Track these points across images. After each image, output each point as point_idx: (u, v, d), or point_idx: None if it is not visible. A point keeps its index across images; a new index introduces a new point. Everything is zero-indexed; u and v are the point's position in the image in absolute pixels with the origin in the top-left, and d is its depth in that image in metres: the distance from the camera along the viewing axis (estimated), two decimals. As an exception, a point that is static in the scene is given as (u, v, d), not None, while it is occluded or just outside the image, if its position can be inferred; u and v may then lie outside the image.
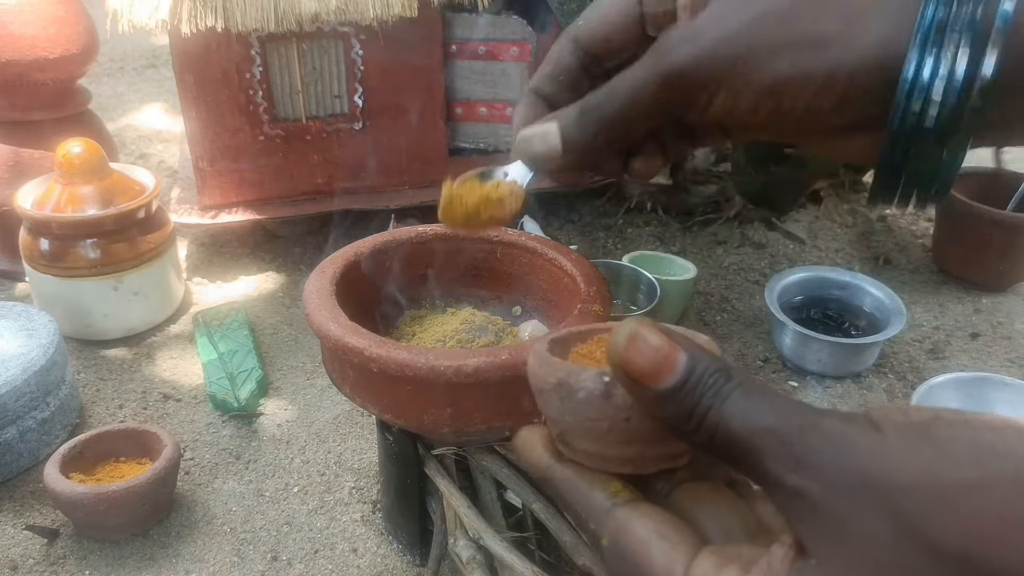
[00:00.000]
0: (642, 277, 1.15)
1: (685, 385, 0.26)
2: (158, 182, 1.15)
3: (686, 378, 0.26)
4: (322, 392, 1.06)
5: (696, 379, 0.26)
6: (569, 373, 0.30)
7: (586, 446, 0.30)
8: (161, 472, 0.81)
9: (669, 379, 0.26)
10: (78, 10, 1.21)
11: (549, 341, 0.34)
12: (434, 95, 1.30)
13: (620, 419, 0.29)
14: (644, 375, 0.26)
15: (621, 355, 0.26)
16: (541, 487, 0.69)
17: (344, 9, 1.13)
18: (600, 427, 0.29)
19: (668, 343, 0.26)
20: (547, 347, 0.33)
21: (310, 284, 0.71)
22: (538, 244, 0.80)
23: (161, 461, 0.82)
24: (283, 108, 1.25)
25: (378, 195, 1.33)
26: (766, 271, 1.35)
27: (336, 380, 0.72)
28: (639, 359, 0.26)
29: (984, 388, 0.98)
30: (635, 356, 0.26)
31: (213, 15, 1.09)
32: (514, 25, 1.30)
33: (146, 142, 1.84)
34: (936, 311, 1.27)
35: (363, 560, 0.81)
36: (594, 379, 0.29)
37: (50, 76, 1.18)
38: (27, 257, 1.10)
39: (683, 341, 0.26)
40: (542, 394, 0.31)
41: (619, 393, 0.28)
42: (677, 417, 0.26)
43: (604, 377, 0.29)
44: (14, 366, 0.88)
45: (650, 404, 0.27)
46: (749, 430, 0.25)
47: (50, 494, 0.80)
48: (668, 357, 0.26)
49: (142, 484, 0.80)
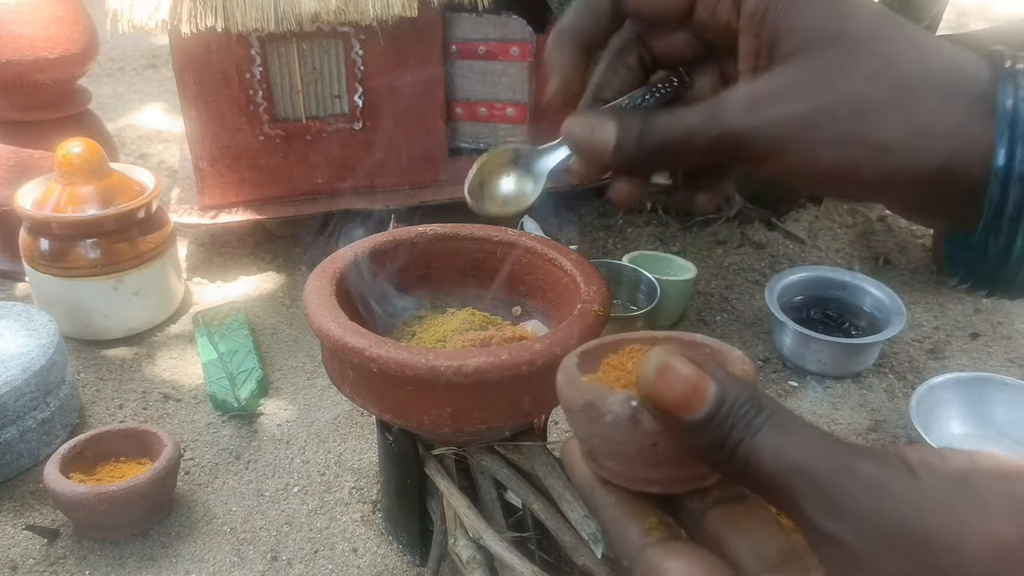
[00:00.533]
0: (642, 277, 1.15)
1: (715, 416, 0.26)
2: (158, 182, 1.15)
3: (716, 409, 0.26)
4: (322, 392, 1.06)
5: (727, 410, 0.25)
6: (597, 396, 0.30)
7: (613, 465, 0.30)
8: (161, 472, 0.81)
9: (699, 410, 0.26)
10: (78, 10, 1.21)
11: (579, 354, 0.34)
12: (434, 95, 1.30)
13: (648, 444, 0.28)
14: (674, 406, 0.26)
15: (651, 386, 0.26)
16: None
17: (344, 9, 1.13)
18: (628, 450, 0.29)
19: (698, 373, 0.26)
20: (576, 361, 0.33)
21: (310, 284, 0.71)
22: (538, 244, 0.80)
23: (161, 461, 0.82)
24: (283, 108, 1.25)
25: (378, 195, 1.33)
26: (766, 271, 1.35)
27: (336, 380, 0.72)
28: (668, 390, 0.26)
29: (984, 388, 0.98)
30: (664, 387, 0.26)
31: (213, 15, 1.09)
32: (514, 25, 1.30)
33: (146, 142, 1.84)
34: (936, 311, 1.27)
35: (363, 560, 0.81)
36: (622, 404, 0.29)
37: (50, 76, 1.18)
38: (27, 257, 1.10)
39: (714, 370, 0.26)
40: (571, 413, 0.31)
41: (647, 419, 0.28)
42: (708, 448, 0.26)
43: (632, 402, 0.28)
44: (14, 366, 0.88)
45: (680, 434, 0.27)
46: (781, 467, 0.24)
47: (50, 494, 0.80)
48: (698, 388, 0.26)
49: (142, 484, 0.80)
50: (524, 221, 1.32)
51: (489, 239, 0.82)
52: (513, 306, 0.83)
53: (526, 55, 1.33)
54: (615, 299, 1.13)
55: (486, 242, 0.82)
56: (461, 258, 0.83)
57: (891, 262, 1.41)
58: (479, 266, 0.83)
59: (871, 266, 1.39)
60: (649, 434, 0.28)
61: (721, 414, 0.26)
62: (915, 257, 1.42)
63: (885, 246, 1.45)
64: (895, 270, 1.39)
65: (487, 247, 0.82)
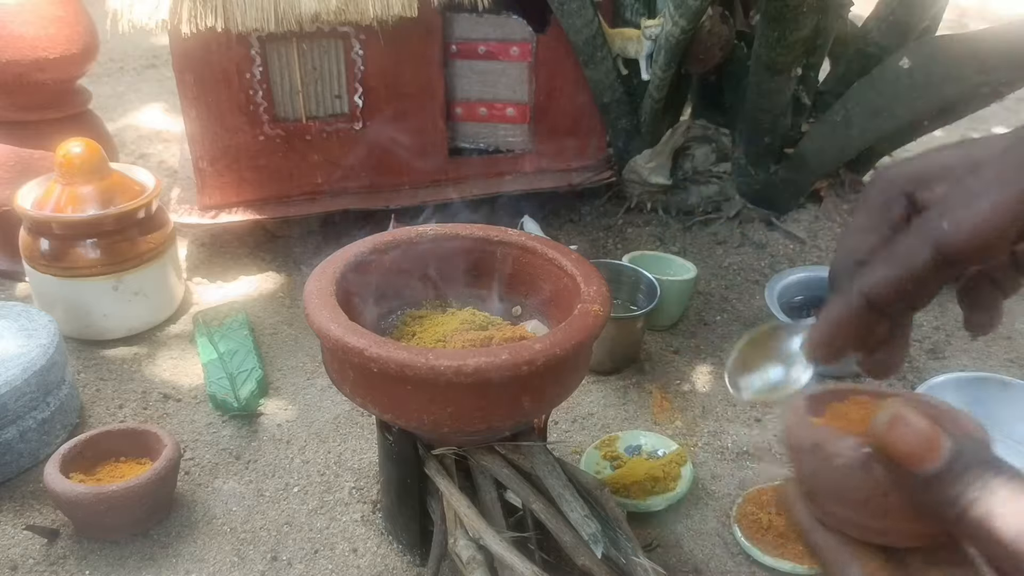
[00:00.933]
0: (642, 277, 1.15)
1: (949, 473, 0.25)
2: (158, 182, 1.15)
3: (950, 466, 0.25)
4: (322, 392, 1.06)
5: (961, 468, 0.25)
6: (828, 438, 0.29)
7: (838, 510, 0.30)
8: (161, 472, 0.81)
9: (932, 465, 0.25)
10: (78, 10, 1.21)
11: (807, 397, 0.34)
12: (434, 95, 1.30)
13: (878, 493, 0.28)
14: (906, 458, 0.26)
15: (883, 436, 0.26)
16: None
17: (344, 9, 1.13)
18: (856, 496, 0.29)
19: (932, 428, 0.25)
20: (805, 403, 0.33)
21: (310, 284, 0.71)
22: (538, 244, 0.80)
23: (161, 461, 0.82)
24: (283, 108, 1.25)
25: (378, 195, 1.33)
26: (766, 271, 1.35)
27: (336, 380, 0.71)
28: (901, 442, 0.26)
29: (984, 388, 0.98)
30: (897, 439, 0.26)
31: (213, 15, 1.09)
32: (514, 25, 1.30)
33: (146, 142, 1.84)
34: (936, 311, 1.27)
35: (363, 560, 0.81)
36: (852, 448, 0.29)
37: (50, 76, 1.18)
38: (27, 257, 1.10)
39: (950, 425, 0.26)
40: (798, 452, 0.31)
41: (878, 467, 0.28)
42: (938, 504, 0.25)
43: (863, 448, 0.28)
44: (14, 366, 0.88)
45: (910, 487, 0.26)
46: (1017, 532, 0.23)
47: (50, 494, 0.80)
48: (932, 442, 0.25)
49: (142, 484, 0.80)
50: (524, 221, 1.32)
51: (489, 239, 0.82)
52: (513, 306, 0.83)
53: (526, 55, 1.33)
54: (615, 299, 1.13)
55: (486, 242, 0.82)
56: (461, 258, 0.83)
57: (891, 262, 1.41)
58: (479, 266, 0.83)
59: (871, 266, 1.39)
60: (880, 483, 0.28)
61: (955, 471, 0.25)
62: (915, 257, 1.42)
63: (885, 246, 1.45)
64: (895, 270, 1.39)
65: (487, 247, 0.82)
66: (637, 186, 1.46)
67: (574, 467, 0.77)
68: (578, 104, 1.38)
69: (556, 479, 0.71)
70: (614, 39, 1.33)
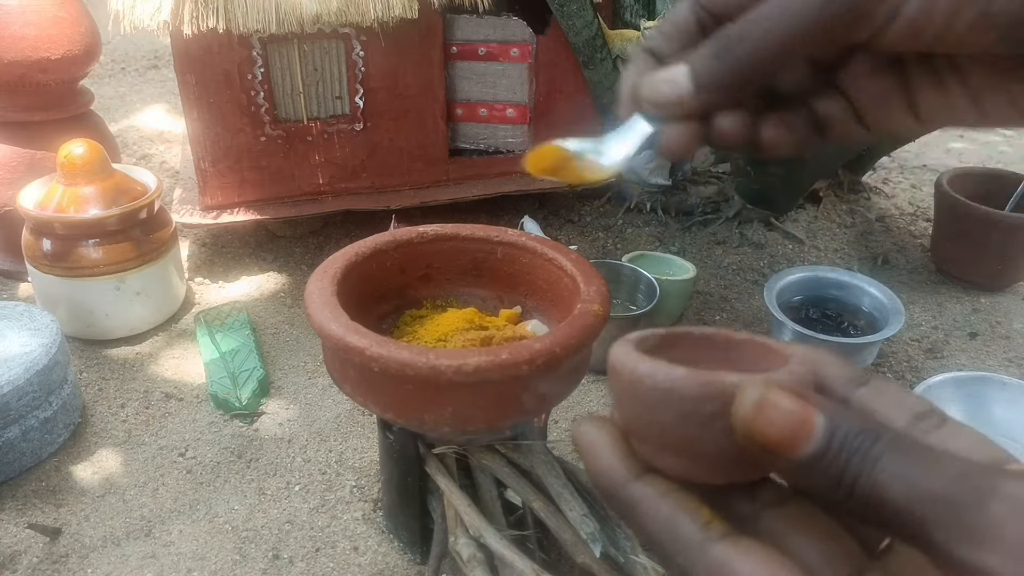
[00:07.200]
0: (642, 277, 1.15)
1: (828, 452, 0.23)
2: (160, 183, 1.16)
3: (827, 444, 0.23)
4: (323, 391, 1.06)
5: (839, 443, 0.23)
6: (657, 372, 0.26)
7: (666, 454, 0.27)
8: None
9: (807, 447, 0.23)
10: (80, 11, 1.22)
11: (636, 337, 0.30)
12: (435, 96, 1.31)
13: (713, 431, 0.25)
14: (778, 445, 0.23)
15: (749, 425, 0.24)
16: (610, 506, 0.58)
17: (345, 10, 1.13)
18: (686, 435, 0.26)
19: (802, 406, 0.23)
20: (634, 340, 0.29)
21: (312, 284, 0.72)
22: (538, 244, 0.80)
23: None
24: (284, 109, 1.25)
25: (379, 195, 1.34)
26: (765, 271, 1.36)
27: (337, 379, 0.72)
28: (770, 428, 0.23)
29: (982, 387, 0.99)
30: (765, 425, 0.23)
31: (215, 16, 1.09)
32: (514, 26, 1.31)
33: (148, 143, 1.84)
34: (934, 311, 1.27)
35: (364, 558, 0.82)
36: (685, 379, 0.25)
37: (52, 77, 1.19)
38: (29, 257, 1.10)
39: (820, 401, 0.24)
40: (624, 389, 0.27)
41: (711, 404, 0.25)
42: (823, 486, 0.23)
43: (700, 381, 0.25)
44: (17, 365, 0.89)
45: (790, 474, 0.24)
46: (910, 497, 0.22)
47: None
48: (804, 422, 0.23)
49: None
50: (524, 221, 1.32)
51: (489, 239, 0.82)
52: (514, 306, 0.83)
53: (526, 56, 1.33)
54: (615, 299, 1.13)
55: (486, 242, 0.82)
56: (461, 258, 0.83)
57: (890, 262, 1.41)
58: (479, 266, 0.84)
59: (870, 266, 1.39)
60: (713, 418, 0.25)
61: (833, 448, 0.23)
62: (914, 257, 1.43)
63: (884, 246, 1.45)
64: (894, 270, 1.39)
65: (487, 247, 0.82)
66: (636, 187, 1.47)
67: (574, 466, 0.78)
68: (578, 105, 1.39)
69: (556, 478, 0.71)
70: (614, 40, 1.34)
